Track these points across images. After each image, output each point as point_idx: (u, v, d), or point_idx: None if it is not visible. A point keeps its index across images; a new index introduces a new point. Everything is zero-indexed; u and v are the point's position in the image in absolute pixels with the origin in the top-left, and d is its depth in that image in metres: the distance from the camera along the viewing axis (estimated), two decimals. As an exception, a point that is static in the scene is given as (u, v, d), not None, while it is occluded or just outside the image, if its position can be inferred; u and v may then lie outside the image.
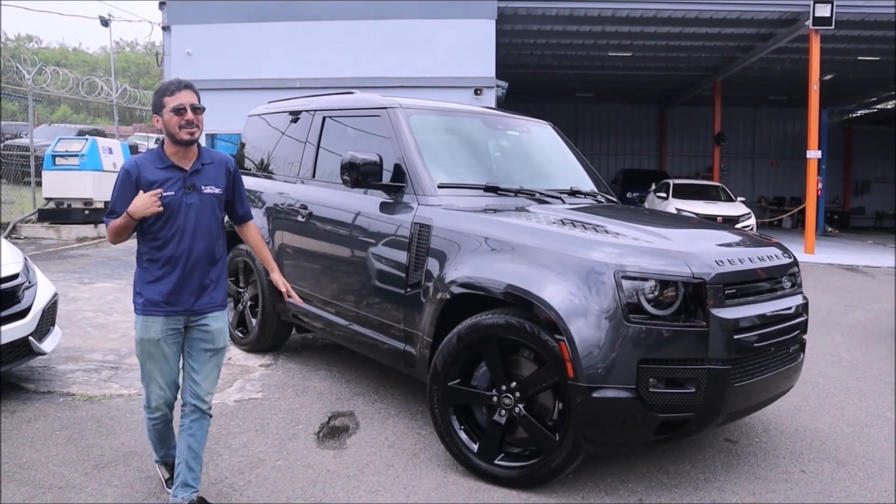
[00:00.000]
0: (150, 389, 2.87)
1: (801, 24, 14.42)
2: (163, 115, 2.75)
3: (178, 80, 2.80)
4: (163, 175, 2.76)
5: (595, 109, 27.19)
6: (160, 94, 2.77)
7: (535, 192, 4.10)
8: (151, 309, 2.77)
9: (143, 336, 2.80)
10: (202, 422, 2.90)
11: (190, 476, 2.85)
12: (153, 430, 3.00)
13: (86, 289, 7.70)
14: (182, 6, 15.13)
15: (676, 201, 15.36)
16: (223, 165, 2.93)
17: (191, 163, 2.82)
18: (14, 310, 4.05)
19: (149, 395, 2.89)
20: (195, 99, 2.77)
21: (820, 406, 4.57)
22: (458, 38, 14.60)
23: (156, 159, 2.79)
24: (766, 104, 25.98)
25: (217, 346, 2.91)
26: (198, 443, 2.88)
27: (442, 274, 3.50)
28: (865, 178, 27.30)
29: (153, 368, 2.83)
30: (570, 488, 3.22)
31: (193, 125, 2.74)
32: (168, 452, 3.07)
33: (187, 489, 2.84)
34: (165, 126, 2.75)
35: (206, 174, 2.85)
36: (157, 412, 2.92)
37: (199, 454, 2.89)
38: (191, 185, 2.80)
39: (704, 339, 2.91)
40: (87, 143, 12.53)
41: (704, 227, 4.10)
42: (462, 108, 4.94)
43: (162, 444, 3.07)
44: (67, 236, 11.98)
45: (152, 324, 2.78)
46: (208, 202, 2.83)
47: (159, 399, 2.88)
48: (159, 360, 2.82)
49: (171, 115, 2.72)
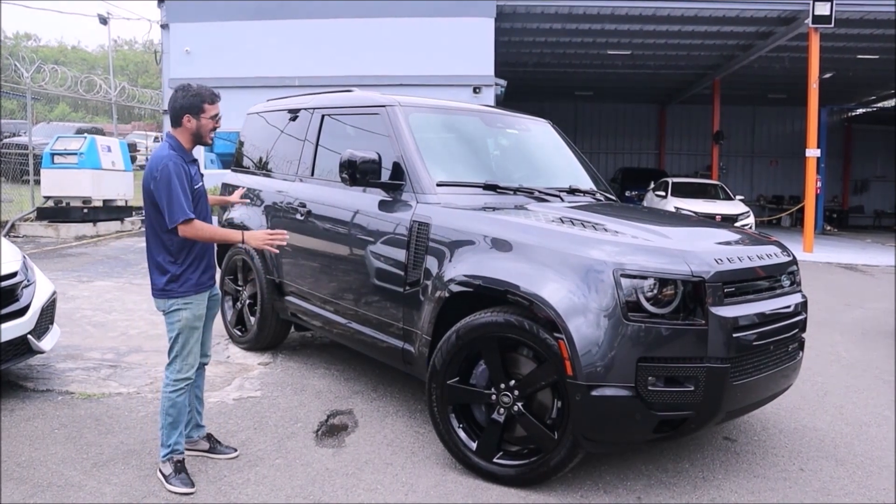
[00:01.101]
0: (186, 362, 3.15)
1: (801, 22, 14.42)
2: (200, 119, 3.10)
3: (213, 90, 3.17)
4: (193, 169, 3.17)
5: (594, 108, 27.22)
6: (201, 98, 3.09)
7: (534, 191, 4.09)
8: (202, 287, 3.16)
9: (196, 313, 3.14)
10: (202, 371, 3.41)
11: (199, 416, 3.41)
12: (175, 403, 3.12)
13: (85, 287, 7.69)
14: (181, 4, 15.12)
15: (675, 200, 15.37)
16: None
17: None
18: (13, 308, 4.05)
19: (182, 367, 3.15)
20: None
21: (819, 404, 4.57)
22: (458, 37, 14.60)
23: (184, 155, 3.12)
24: (766, 103, 25.99)
25: (215, 309, 3.39)
26: (198, 388, 3.39)
27: (441, 272, 3.49)
28: (864, 177, 27.34)
29: (195, 342, 3.18)
30: (569, 487, 3.23)
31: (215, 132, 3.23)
32: (179, 440, 3.15)
33: (198, 429, 3.41)
34: (199, 128, 3.12)
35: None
36: (183, 382, 3.16)
37: (201, 396, 3.43)
38: (202, 176, 3.27)
39: (703, 337, 2.91)
40: (86, 142, 12.51)
41: (703, 226, 4.09)
42: (461, 106, 4.93)
43: (176, 426, 3.14)
44: (66, 235, 11.97)
45: (202, 300, 3.17)
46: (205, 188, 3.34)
47: (191, 367, 3.18)
48: (197, 332, 3.18)
49: (209, 121, 3.13)
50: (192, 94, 3.09)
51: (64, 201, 12.42)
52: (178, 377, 3.13)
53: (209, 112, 3.11)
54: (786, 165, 26.72)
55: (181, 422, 3.15)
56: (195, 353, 3.18)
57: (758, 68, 19.52)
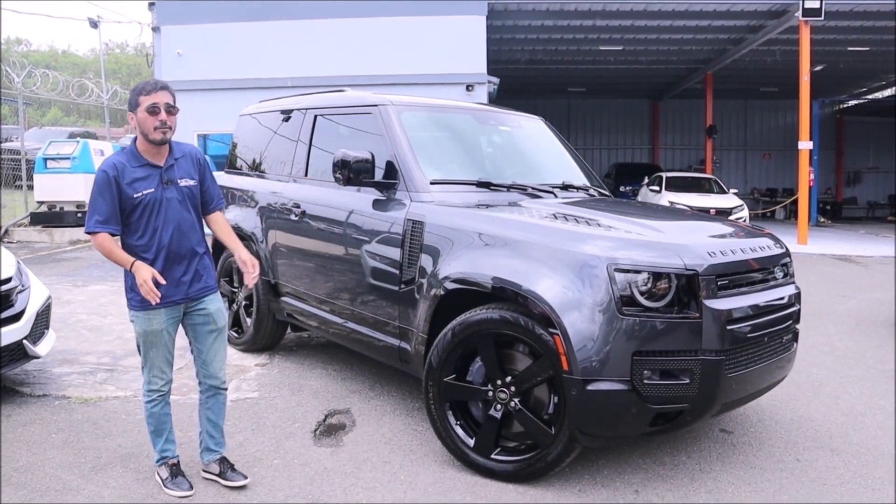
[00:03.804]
0: (152, 373, 3.02)
1: (791, 15, 14.47)
2: (137, 114, 2.83)
3: (154, 80, 2.90)
4: (140, 173, 2.87)
5: (587, 104, 27.23)
6: (136, 92, 2.84)
7: (528, 187, 4.10)
8: (148, 303, 2.84)
9: (146, 328, 2.94)
10: (217, 397, 3.16)
11: (211, 442, 3.17)
12: (151, 413, 3.05)
13: (79, 291, 7.68)
14: (171, 6, 15.08)
15: (669, 194, 15.39)
16: (193, 157, 3.06)
17: (164, 159, 2.94)
18: (7, 313, 4.04)
19: (150, 379, 3.03)
20: (170, 99, 2.86)
21: (814, 395, 4.59)
22: (449, 35, 14.59)
23: (131, 158, 2.89)
24: (758, 96, 26.06)
25: (219, 325, 3.11)
26: (215, 414, 3.16)
27: (435, 270, 3.50)
28: (857, 169, 27.43)
29: (156, 356, 3.00)
30: (567, 481, 3.24)
31: (167, 126, 2.84)
32: (165, 446, 3.10)
33: (210, 453, 3.17)
34: (140, 125, 2.84)
35: (180, 168, 2.98)
36: (155, 394, 3.04)
37: (218, 423, 3.18)
38: (168, 181, 2.92)
39: (698, 330, 2.92)
40: (79, 146, 12.48)
41: (697, 220, 4.11)
42: (453, 104, 4.94)
43: (159, 434, 3.08)
44: (60, 239, 11.94)
45: (154, 316, 2.93)
46: (186, 194, 2.98)
47: (159, 380, 3.03)
48: (160, 347, 2.99)
49: (146, 114, 2.81)
50: (132, 90, 2.87)
51: (57, 206, 12.38)
52: (147, 388, 3.05)
53: (143, 104, 2.79)
54: (779, 158, 26.80)
55: (164, 429, 3.09)
56: (159, 367, 3.01)
57: (749, 62, 19.58)
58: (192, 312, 3.05)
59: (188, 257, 2.98)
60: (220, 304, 3.14)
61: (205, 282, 3.05)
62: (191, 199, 3.01)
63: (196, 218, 3.04)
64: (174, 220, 2.92)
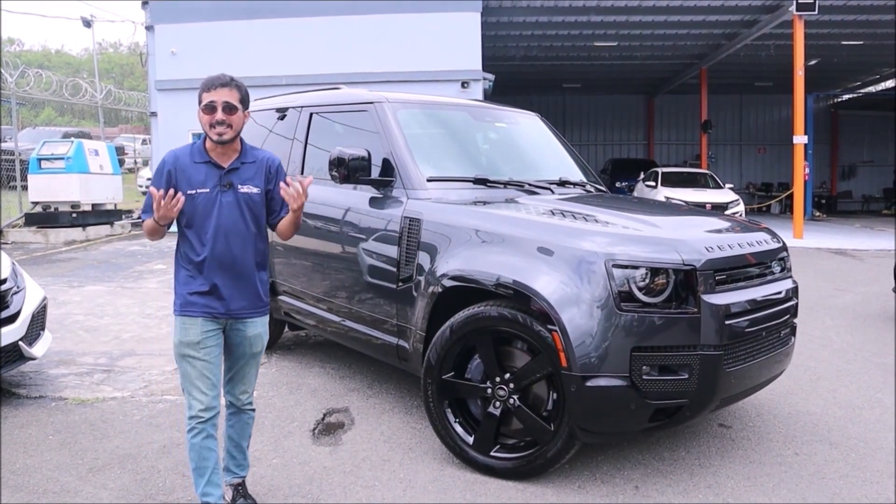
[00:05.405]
0: (191, 396, 2.67)
1: (785, 10, 14.48)
2: (199, 111, 2.64)
3: (220, 75, 2.67)
4: (199, 170, 2.68)
5: (582, 100, 27.25)
6: (200, 87, 2.65)
7: (525, 184, 4.10)
8: (189, 310, 2.65)
9: (181, 339, 2.67)
10: (241, 416, 2.90)
11: (232, 462, 2.91)
12: (191, 445, 2.69)
13: (75, 292, 7.65)
14: (165, 5, 15.02)
15: (665, 190, 15.42)
16: (264, 165, 2.79)
17: (230, 160, 2.71)
18: (3, 315, 4.02)
19: (189, 402, 2.69)
20: (231, 97, 2.63)
21: (812, 389, 4.60)
22: (444, 32, 14.57)
23: (195, 153, 2.69)
24: (753, 91, 26.11)
25: (255, 350, 2.83)
26: (238, 433, 2.90)
27: (433, 267, 3.49)
28: (852, 163, 27.52)
29: (192, 372, 2.66)
30: (567, 478, 3.24)
31: (224, 125, 2.61)
32: (207, 489, 2.69)
33: (229, 474, 2.90)
34: (200, 123, 2.65)
35: (244, 172, 2.72)
36: (194, 421, 2.67)
37: (241, 444, 2.92)
38: (227, 184, 2.68)
39: (696, 325, 2.92)
40: (73, 146, 12.45)
41: (693, 215, 4.11)
42: (449, 101, 4.92)
43: (201, 473, 2.69)
44: (55, 240, 11.90)
45: (190, 325, 2.66)
46: (245, 201, 2.70)
47: (198, 403, 2.66)
48: (197, 362, 2.66)
49: (202, 112, 2.63)
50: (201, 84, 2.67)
51: (52, 206, 12.36)
52: (188, 414, 2.69)
53: (203, 100, 2.62)
54: (774, 153, 26.87)
55: (205, 468, 2.68)
56: (199, 388, 2.65)
57: (744, 57, 19.60)
58: (232, 331, 2.76)
59: (236, 269, 2.69)
60: (262, 329, 2.82)
61: (250, 301, 2.75)
62: (250, 208, 2.71)
63: (254, 229, 2.74)
64: (225, 226, 2.66)
